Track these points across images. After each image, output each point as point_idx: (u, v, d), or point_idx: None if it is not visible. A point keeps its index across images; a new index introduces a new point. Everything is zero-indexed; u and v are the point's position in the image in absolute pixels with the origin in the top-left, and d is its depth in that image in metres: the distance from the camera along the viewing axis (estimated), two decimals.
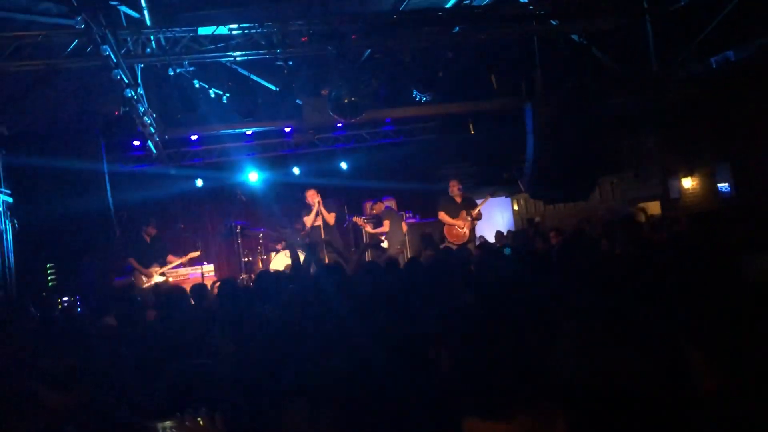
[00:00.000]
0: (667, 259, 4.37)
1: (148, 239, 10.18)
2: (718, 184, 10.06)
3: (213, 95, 9.47)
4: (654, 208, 11.61)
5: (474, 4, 8.63)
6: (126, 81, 6.96)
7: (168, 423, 2.24)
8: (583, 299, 3.90)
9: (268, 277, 5.93)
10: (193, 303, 5.32)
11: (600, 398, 2.41)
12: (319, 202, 10.13)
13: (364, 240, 12.12)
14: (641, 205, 11.35)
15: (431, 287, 4.68)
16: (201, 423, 2.22)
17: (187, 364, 2.66)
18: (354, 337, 3.27)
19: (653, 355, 2.60)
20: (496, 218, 13.82)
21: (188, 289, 6.07)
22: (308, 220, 10.18)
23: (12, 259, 8.72)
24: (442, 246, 9.43)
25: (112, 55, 6.26)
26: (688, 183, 10.68)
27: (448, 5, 8.75)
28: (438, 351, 3.18)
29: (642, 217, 9.96)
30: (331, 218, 10.43)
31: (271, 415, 2.41)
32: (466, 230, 10.25)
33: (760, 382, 1.73)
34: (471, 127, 12.45)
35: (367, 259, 11.57)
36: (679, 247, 4.50)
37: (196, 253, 10.65)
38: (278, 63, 8.19)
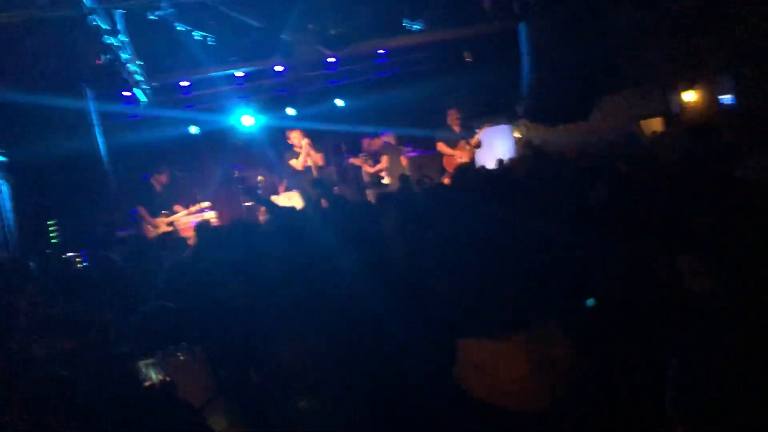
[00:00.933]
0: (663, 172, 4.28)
1: (158, 187, 10.08)
2: (720, 97, 9.82)
3: (198, 38, 9.21)
4: (656, 125, 11.39)
5: None
6: (105, 27, 6.74)
7: (150, 361, 2.27)
8: (582, 218, 3.83)
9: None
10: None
11: (602, 323, 2.36)
12: (307, 143, 9.85)
13: (365, 179, 12.01)
14: (641, 123, 11.13)
15: (429, 216, 4.61)
16: (181, 358, 2.24)
17: (159, 305, 2.64)
18: (349, 270, 3.23)
19: (646, 264, 2.54)
20: (496, 146, 13.61)
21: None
22: (297, 164, 9.90)
23: (12, 218, 8.71)
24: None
25: (86, 0, 6.04)
26: (689, 96, 10.43)
27: None
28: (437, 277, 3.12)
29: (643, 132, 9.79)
30: (319, 158, 10.19)
31: (256, 346, 2.39)
32: (466, 159, 10.12)
33: (755, 278, 1.66)
34: (466, 55, 12.15)
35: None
36: (674, 160, 4.38)
37: (205, 204, 10.59)
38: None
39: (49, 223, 9.53)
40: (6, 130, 7.97)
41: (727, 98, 9.72)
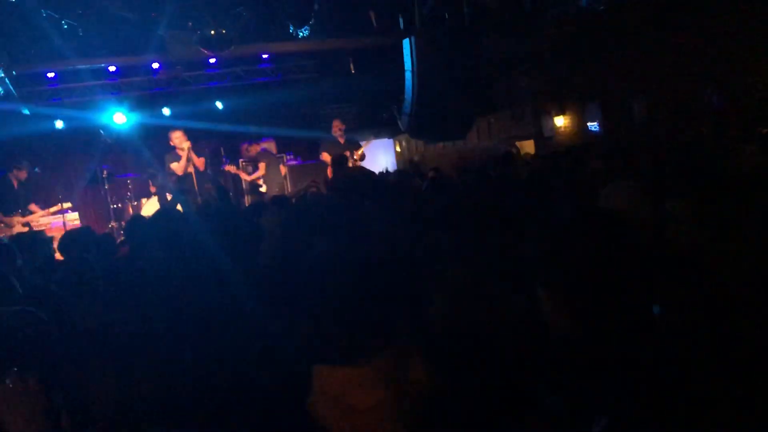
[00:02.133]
0: (526, 195, 4.41)
1: (15, 183, 9.25)
2: (588, 123, 10.41)
3: (66, 27, 8.60)
4: (529, 146, 11.92)
5: None
6: None
7: None
8: (449, 241, 3.86)
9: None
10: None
11: (459, 339, 2.34)
12: (189, 147, 9.36)
13: (243, 187, 11.70)
14: (516, 144, 11.62)
15: (301, 229, 4.50)
16: (10, 386, 1.94)
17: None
18: (220, 282, 3.06)
19: (510, 296, 2.56)
20: (379, 159, 13.77)
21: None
22: (178, 168, 9.35)
23: None
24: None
25: None
26: (560, 121, 10.99)
27: None
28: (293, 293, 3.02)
29: (516, 153, 10.19)
30: (201, 163, 9.72)
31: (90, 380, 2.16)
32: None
33: (612, 315, 1.66)
34: (351, 66, 12.16)
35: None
36: (536, 182, 4.53)
37: (67, 205, 9.87)
38: None
39: None
40: None
41: (593, 125, 10.31)
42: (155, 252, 3.34)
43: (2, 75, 8.23)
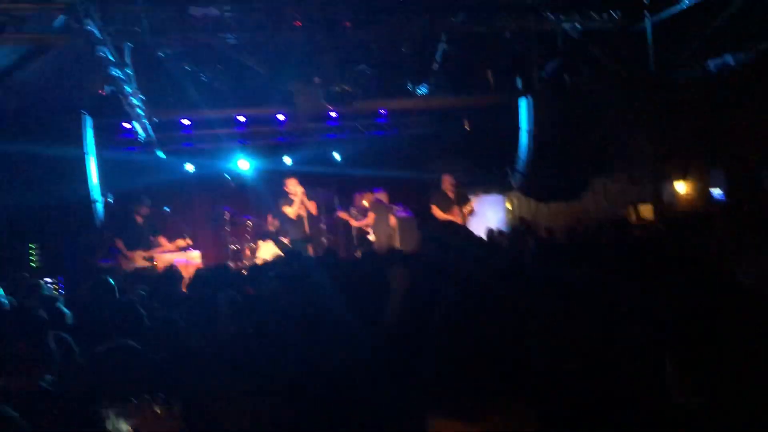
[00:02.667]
0: (653, 260, 4.27)
1: (140, 220, 9.99)
2: (712, 190, 9.95)
3: (204, 79, 9.30)
4: (647, 211, 11.48)
5: None
6: (112, 59, 6.80)
7: (120, 409, 2.11)
8: (566, 301, 3.80)
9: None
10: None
11: (574, 400, 2.31)
12: (302, 192, 9.88)
13: (353, 234, 12.02)
14: (636, 205, 11.22)
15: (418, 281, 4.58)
16: (158, 412, 2.09)
17: (122, 344, 2.52)
18: (333, 332, 3.17)
19: (631, 361, 2.50)
20: (488, 216, 13.69)
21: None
22: (291, 212, 9.89)
23: None
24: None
25: (96, 32, 6.10)
26: (681, 187, 10.56)
27: None
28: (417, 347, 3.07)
29: (633, 217, 9.86)
30: (312, 207, 10.20)
31: (235, 411, 2.29)
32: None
33: (740, 400, 1.60)
34: (466, 122, 12.32)
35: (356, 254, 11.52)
36: (665, 249, 4.38)
37: (188, 242, 10.50)
38: (270, 48, 8.06)
39: (30, 246, 9.41)
40: None
41: (718, 193, 9.85)
42: (280, 295, 3.50)
43: (145, 121, 8.95)
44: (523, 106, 9.16)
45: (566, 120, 9.01)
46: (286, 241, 10.66)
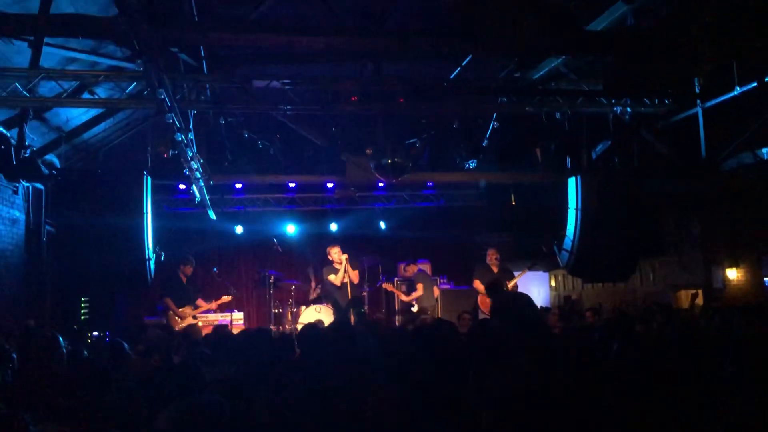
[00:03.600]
0: (712, 350, 4.19)
1: (184, 279, 10.20)
2: (765, 279, 9.73)
3: (260, 146, 9.64)
4: (696, 297, 11.24)
5: (526, 76, 8.67)
6: (178, 125, 7.14)
7: None
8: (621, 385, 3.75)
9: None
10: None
11: None
12: (346, 260, 10.01)
13: (396, 302, 12.04)
14: (692, 291, 11.00)
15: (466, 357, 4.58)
16: None
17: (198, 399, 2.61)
18: (384, 401, 3.21)
19: None
20: (531, 292, 13.55)
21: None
22: (335, 279, 10.02)
23: (49, 290, 8.88)
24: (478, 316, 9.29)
25: (167, 100, 6.44)
26: (732, 274, 10.35)
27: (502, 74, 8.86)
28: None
29: (681, 302, 9.67)
30: (355, 276, 10.30)
31: None
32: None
33: None
34: (513, 197, 12.39)
35: (397, 323, 11.49)
36: (726, 338, 4.29)
37: (228, 298, 10.63)
38: (327, 120, 8.36)
39: (82, 299, 9.68)
40: (59, 202, 8.29)
41: None
42: (329, 360, 3.56)
43: (202, 184, 9.27)
44: (572, 185, 9.20)
45: (615, 201, 9.00)
46: (327, 307, 10.73)
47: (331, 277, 10.09)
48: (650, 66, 7.80)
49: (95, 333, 9.62)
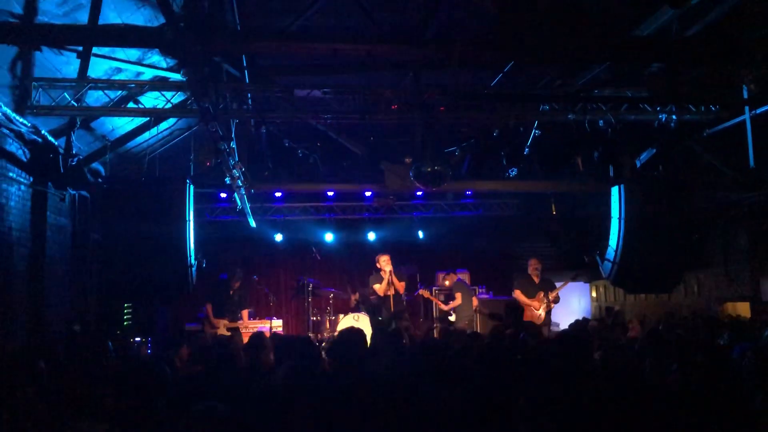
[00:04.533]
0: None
1: (231, 291, 10.31)
2: None
3: (300, 154, 9.71)
4: (743, 309, 10.94)
5: (568, 83, 8.55)
6: (220, 134, 7.22)
7: None
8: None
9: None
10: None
11: None
12: (390, 271, 10.01)
13: (434, 311, 11.98)
14: (728, 306, 10.72)
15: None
16: None
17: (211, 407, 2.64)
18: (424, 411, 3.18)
19: None
20: (572, 303, 13.38)
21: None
22: (380, 289, 10.03)
23: (94, 296, 9.06)
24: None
25: (211, 108, 6.53)
26: None
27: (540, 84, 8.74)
28: None
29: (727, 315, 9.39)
30: (401, 287, 10.29)
31: None
32: (542, 312, 9.95)
33: None
34: (553, 207, 12.23)
35: (435, 333, 11.42)
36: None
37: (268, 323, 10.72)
38: (366, 129, 8.35)
39: (125, 305, 9.83)
40: (104, 210, 8.45)
41: None
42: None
43: (243, 192, 9.36)
44: (615, 194, 9.02)
45: (660, 211, 8.80)
46: (365, 316, 10.71)
47: (376, 286, 10.11)
48: (697, 72, 7.63)
49: (137, 338, 9.77)
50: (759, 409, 3.56)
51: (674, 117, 8.53)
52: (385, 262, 10.02)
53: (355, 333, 4.26)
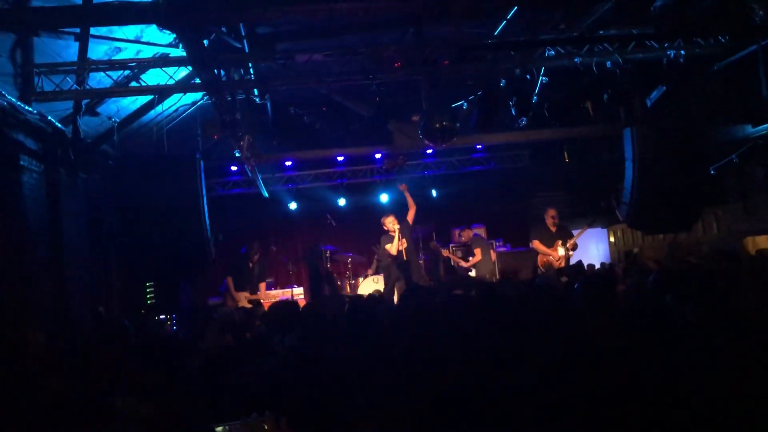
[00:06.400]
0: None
1: (251, 264, 10.39)
2: None
3: (307, 121, 9.66)
4: (764, 242, 10.84)
5: (573, 26, 8.38)
6: (225, 106, 7.19)
7: (228, 427, 2.26)
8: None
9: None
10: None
11: None
12: (398, 229, 10.03)
13: (456, 270, 11.98)
14: (748, 239, 10.62)
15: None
16: (266, 427, 2.22)
17: (250, 368, 2.69)
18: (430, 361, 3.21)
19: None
20: (590, 250, 13.33)
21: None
22: (392, 248, 10.05)
23: (114, 278, 9.15)
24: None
25: (213, 81, 6.48)
26: None
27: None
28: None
29: (748, 249, 9.33)
30: (411, 213, 10.44)
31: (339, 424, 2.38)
32: (561, 261, 9.94)
33: None
34: (566, 155, 12.12)
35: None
36: None
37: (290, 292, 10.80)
38: (371, 90, 8.25)
39: (147, 285, 9.94)
40: (117, 192, 8.49)
41: None
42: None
43: (253, 164, 9.36)
44: (627, 136, 8.92)
45: (673, 150, 8.70)
46: (381, 278, 10.78)
47: (388, 246, 10.13)
48: (704, 3, 7.44)
49: (162, 316, 9.90)
50: None
51: (683, 52, 8.35)
52: (391, 223, 10.05)
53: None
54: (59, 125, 7.28)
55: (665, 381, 2.67)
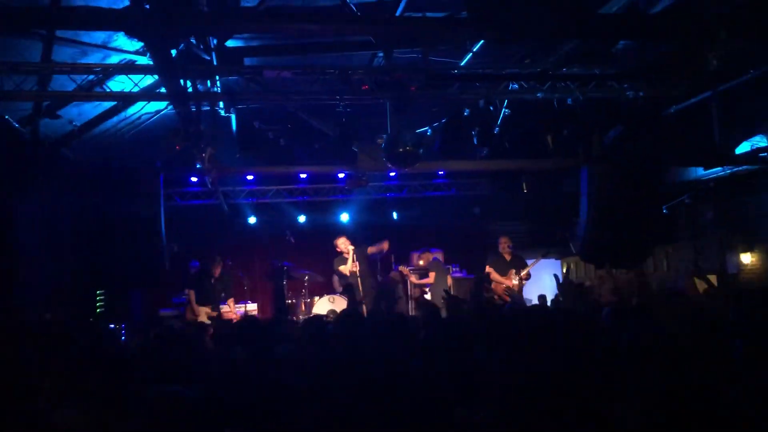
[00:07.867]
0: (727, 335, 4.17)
1: (212, 279, 10.29)
2: None
3: (271, 137, 9.64)
4: (711, 281, 11.18)
5: (537, 62, 8.60)
6: (189, 117, 7.15)
7: None
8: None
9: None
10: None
11: None
12: (352, 249, 10.10)
13: (409, 289, 12.05)
14: (704, 276, 10.95)
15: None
16: None
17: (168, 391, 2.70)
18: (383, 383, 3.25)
19: None
20: (544, 280, 13.53)
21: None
22: (345, 269, 10.12)
23: (66, 283, 8.96)
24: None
25: (179, 92, 6.46)
26: (747, 258, 10.29)
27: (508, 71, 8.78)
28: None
29: (696, 287, 9.59)
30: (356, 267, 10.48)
31: None
32: (515, 290, 10.08)
33: None
34: (524, 185, 12.33)
35: (410, 312, 11.51)
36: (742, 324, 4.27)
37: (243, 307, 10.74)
38: (338, 110, 8.32)
39: (97, 292, 9.74)
40: (75, 197, 8.34)
41: None
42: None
43: (214, 176, 9.29)
44: (584, 173, 9.15)
45: (628, 188, 8.95)
46: (341, 298, 10.77)
47: (342, 268, 10.16)
48: (664, 49, 7.72)
49: (111, 325, 9.70)
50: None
51: (641, 93, 8.64)
52: (343, 244, 10.15)
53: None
54: (17, 126, 7.14)
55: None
